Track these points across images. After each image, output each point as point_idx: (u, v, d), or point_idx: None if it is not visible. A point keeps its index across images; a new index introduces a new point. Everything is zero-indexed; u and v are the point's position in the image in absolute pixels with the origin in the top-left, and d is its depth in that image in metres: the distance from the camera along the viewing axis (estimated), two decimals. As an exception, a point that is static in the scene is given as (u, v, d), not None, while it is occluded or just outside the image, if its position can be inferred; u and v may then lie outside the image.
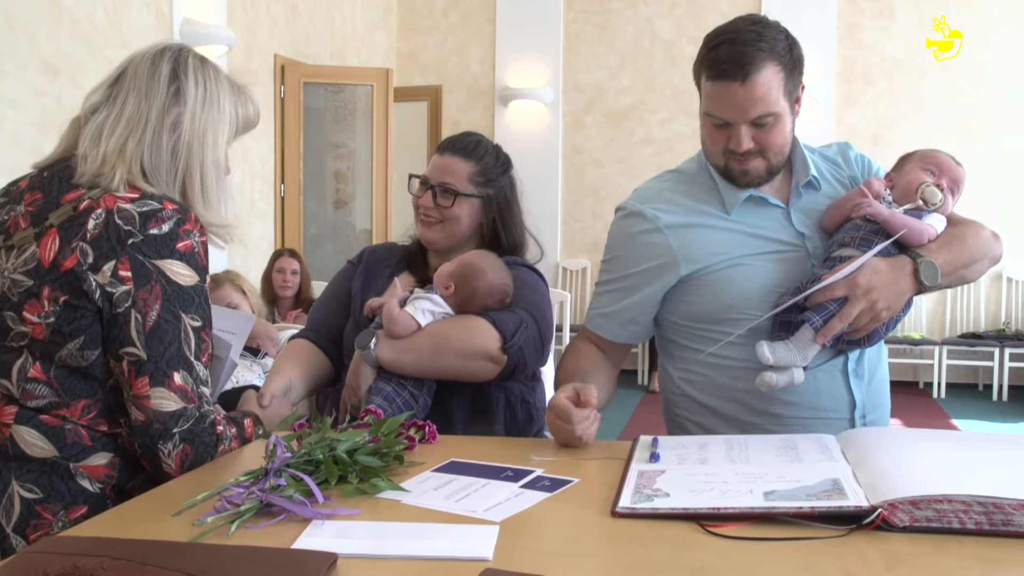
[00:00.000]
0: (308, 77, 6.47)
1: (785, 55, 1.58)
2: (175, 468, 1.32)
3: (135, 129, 1.36)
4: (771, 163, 1.64)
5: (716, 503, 1.13)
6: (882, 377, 1.75)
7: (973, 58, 7.33)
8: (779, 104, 1.58)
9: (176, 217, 1.32)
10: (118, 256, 1.28)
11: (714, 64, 1.58)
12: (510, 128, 8.15)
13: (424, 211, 1.87)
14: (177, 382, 1.30)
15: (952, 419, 6.32)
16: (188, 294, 1.32)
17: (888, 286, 1.50)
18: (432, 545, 1.04)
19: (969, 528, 1.04)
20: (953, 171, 1.64)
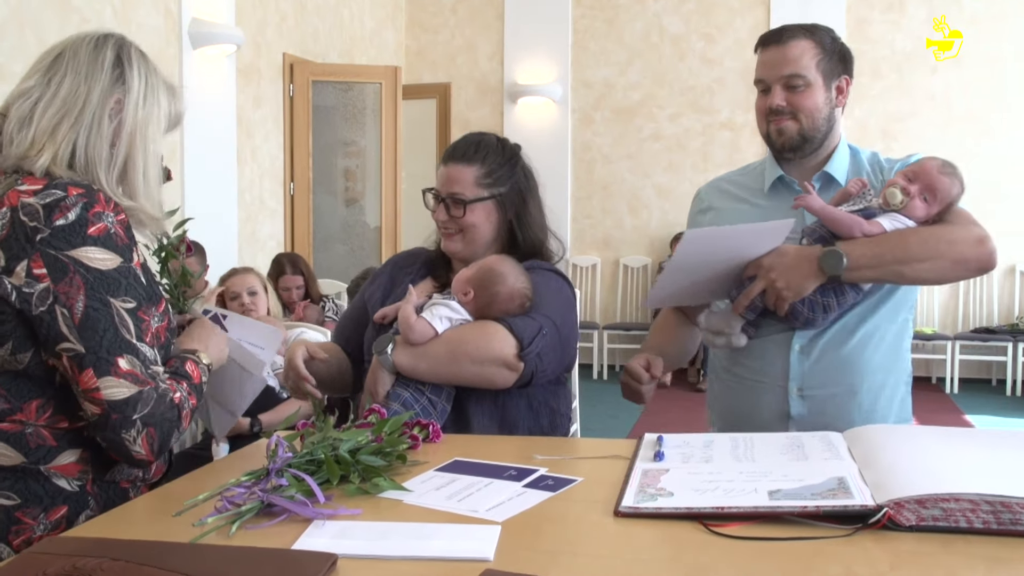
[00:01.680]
0: (317, 75, 6.48)
1: (824, 39, 1.83)
2: (146, 453, 1.29)
3: (71, 110, 1.32)
4: (803, 126, 1.81)
5: (720, 502, 1.12)
6: (845, 361, 1.77)
7: (984, 51, 7.27)
8: (810, 72, 1.80)
9: (82, 202, 1.27)
10: (28, 255, 1.24)
11: (762, 38, 1.88)
12: (519, 125, 8.13)
13: (442, 224, 1.84)
14: (124, 367, 1.26)
15: (965, 415, 6.27)
16: (112, 277, 1.28)
17: (789, 268, 1.67)
18: (433, 545, 1.03)
19: (976, 527, 1.03)
20: (928, 178, 1.69)
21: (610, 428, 5.58)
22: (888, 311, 1.80)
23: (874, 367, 1.79)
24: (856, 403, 1.78)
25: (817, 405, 1.78)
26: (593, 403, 5.85)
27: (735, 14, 7.65)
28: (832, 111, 1.84)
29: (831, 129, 1.85)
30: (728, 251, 1.72)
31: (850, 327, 1.78)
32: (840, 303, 1.70)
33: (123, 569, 0.95)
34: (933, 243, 1.66)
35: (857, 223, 1.67)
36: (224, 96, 5.52)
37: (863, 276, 1.67)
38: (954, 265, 1.66)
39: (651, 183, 7.91)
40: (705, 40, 7.69)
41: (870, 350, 1.78)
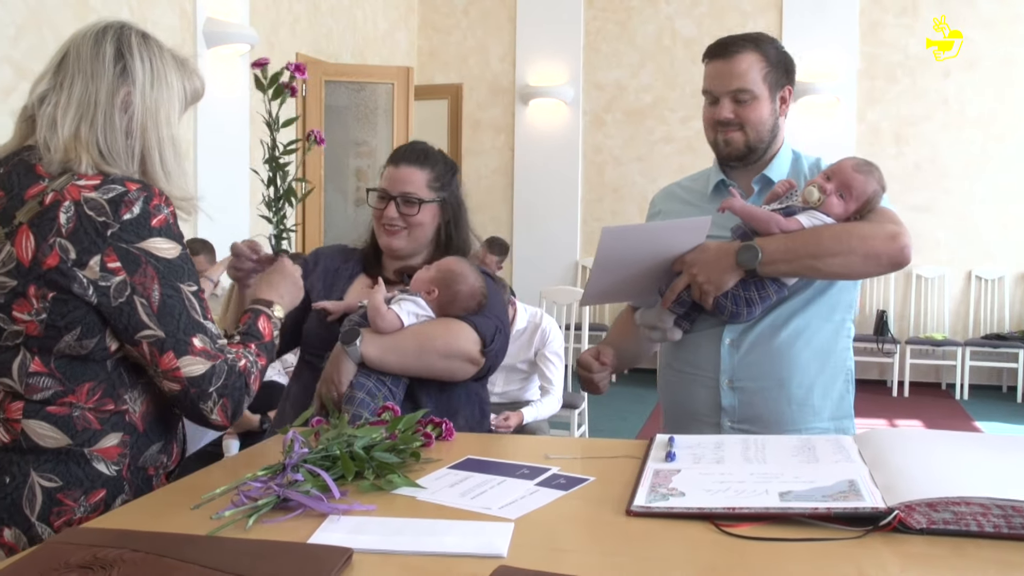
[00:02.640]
0: (329, 75, 6.50)
1: (769, 51, 1.89)
2: (222, 420, 1.39)
3: (86, 113, 1.35)
4: (749, 137, 1.88)
5: (731, 503, 1.12)
6: (774, 355, 1.82)
7: (998, 55, 7.25)
8: (757, 86, 1.87)
9: (143, 196, 1.32)
10: (102, 250, 1.29)
11: (709, 49, 1.94)
12: (530, 126, 8.15)
13: (388, 221, 1.93)
14: (198, 346, 1.35)
15: (975, 421, 6.25)
16: (177, 265, 1.35)
17: (709, 263, 1.75)
18: (447, 541, 1.04)
19: (987, 531, 1.04)
20: (843, 176, 1.75)
21: (619, 429, 5.59)
22: (820, 310, 1.84)
23: (804, 362, 1.83)
24: (785, 396, 1.82)
25: (747, 397, 1.84)
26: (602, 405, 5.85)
27: (747, 17, 7.65)
28: (776, 120, 1.91)
29: (774, 138, 1.92)
30: (650, 248, 1.79)
31: (779, 323, 1.83)
32: (762, 297, 1.76)
33: (143, 560, 0.96)
34: (845, 238, 1.71)
35: (774, 220, 1.74)
36: (237, 95, 5.54)
37: (778, 270, 1.73)
38: (865, 260, 1.71)
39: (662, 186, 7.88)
40: (717, 43, 7.68)
41: (799, 346, 1.83)
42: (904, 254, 1.71)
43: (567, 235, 8.04)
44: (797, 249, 1.72)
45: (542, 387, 3.94)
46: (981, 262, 7.36)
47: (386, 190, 1.94)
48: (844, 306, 1.89)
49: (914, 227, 6.54)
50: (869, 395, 7.26)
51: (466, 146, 8.28)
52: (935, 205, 7.39)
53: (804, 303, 1.84)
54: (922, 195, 7.40)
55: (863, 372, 7.63)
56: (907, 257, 1.71)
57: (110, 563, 0.95)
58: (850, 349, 1.93)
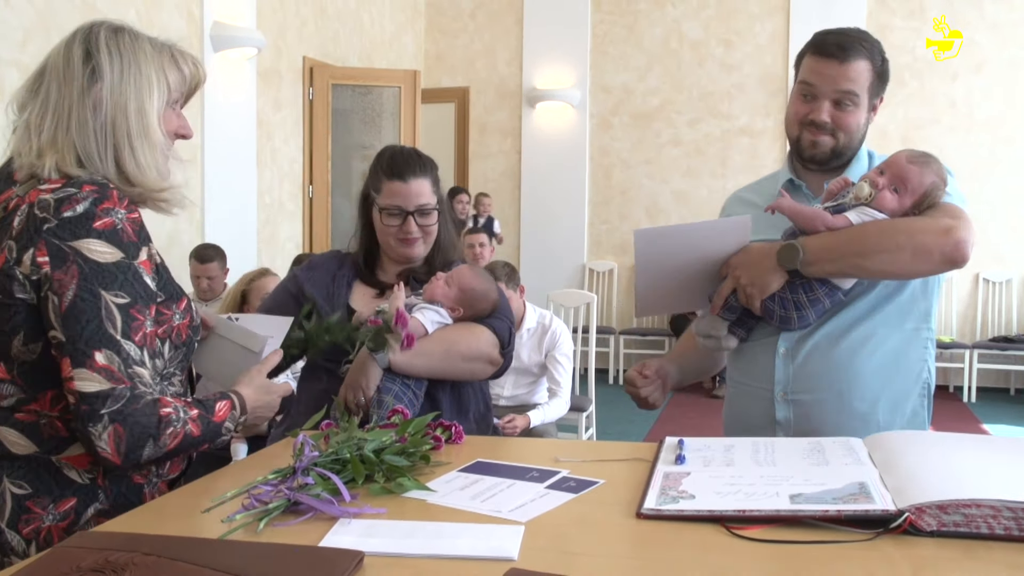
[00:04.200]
0: (336, 79, 6.51)
1: (878, 61, 1.79)
2: (111, 451, 1.25)
3: (61, 118, 1.34)
4: (839, 143, 1.79)
5: (742, 505, 1.12)
6: (833, 366, 1.73)
7: (1006, 58, 7.23)
8: (863, 92, 1.77)
9: (92, 197, 1.29)
10: (35, 244, 1.26)
11: (822, 45, 1.80)
12: (537, 129, 8.15)
13: (408, 234, 1.96)
14: (100, 362, 1.25)
15: (983, 423, 6.23)
16: (109, 271, 1.28)
17: (751, 265, 1.68)
18: (458, 544, 1.04)
19: (998, 533, 1.04)
20: (896, 169, 1.65)
21: (626, 432, 5.58)
22: (888, 316, 1.74)
23: (868, 374, 1.72)
24: (847, 410, 1.72)
25: (803, 410, 1.74)
26: (609, 408, 5.85)
27: (755, 20, 7.64)
28: (866, 127, 1.83)
29: (861, 143, 1.85)
30: (691, 250, 1.74)
31: (840, 331, 1.73)
32: (812, 300, 1.67)
33: (155, 563, 0.96)
34: (892, 234, 1.60)
35: (820, 217, 1.65)
36: (244, 99, 5.56)
37: (823, 270, 1.64)
38: (915, 256, 1.58)
39: (669, 189, 7.91)
40: (724, 46, 7.69)
41: (863, 355, 1.72)
42: (959, 250, 1.56)
43: (574, 238, 8.05)
44: (841, 247, 1.61)
45: (550, 389, 3.94)
46: (989, 264, 7.34)
47: (402, 207, 1.95)
48: (919, 314, 1.77)
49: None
50: (877, 398, 7.23)
51: (473, 149, 8.29)
52: (943, 207, 7.37)
53: (869, 309, 1.73)
54: (930, 197, 7.37)
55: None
56: (963, 254, 1.56)
57: (121, 567, 0.96)
58: (928, 360, 1.80)
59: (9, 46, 3.95)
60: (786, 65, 7.59)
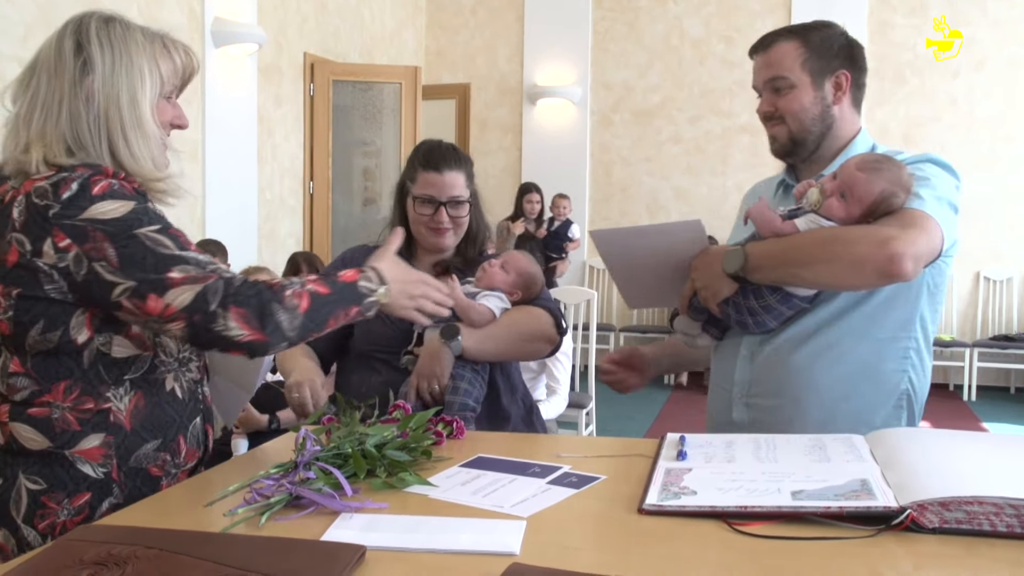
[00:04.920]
0: (337, 75, 6.51)
1: (813, 38, 1.77)
2: (248, 332, 1.28)
3: (51, 110, 1.34)
4: (791, 129, 1.78)
5: (743, 501, 1.12)
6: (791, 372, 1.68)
7: (1007, 55, 7.22)
8: (793, 73, 1.76)
9: (86, 174, 1.30)
10: (48, 232, 1.27)
11: (750, 48, 1.86)
12: (538, 126, 8.15)
13: (439, 223, 2.03)
14: (178, 276, 1.27)
15: (983, 422, 6.23)
16: (130, 218, 1.29)
17: (705, 268, 1.68)
18: (459, 539, 1.04)
19: (1000, 530, 1.04)
20: (843, 175, 1.59)
21: (626, 429, 5.59)
22: (854, 325, 1.66)
23: (828, 382, 1.66)
24: (803, 418, 1.66)
25: (759, 414, 1.71)
26: (609, 404, 5.84)
27: (756, 17, 7.63)
28: (827, 109, 1.76)
29: (829, 128, 1.77)
30: (651, 250, 1.74)
31: (802, 337, 1.68)
32: (764, 307, 1.64)
33: (157, 557, 0.97)
34: (830, 243, 1.53)
35: (769, 222, 1.62)
36: (245, 95, 5.56)
37: (766, 277, 1.61)
38: (850, 268, 1.51)
39: (670, 186, 7.90)
40: (725, 43, 7.68)
41: (824, 364, 1.66)
42: (895, 263, 1.45)
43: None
44: (781, 255, 1.58)
45: (548, 387, 3.94)
46: (989, 263, 7.34)
47: (435, 197, 2.02)
48: (896, 323, 1.68)
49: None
50: (877, 396, 7.24)
51: (474, 146, 8.28)
52: (943, 205, 7.37)
53: (834, 316, 1.67)
54: (930, 195, 7.38)
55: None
56: (899, 267, 1.45)
57: (124, 560, 0.96)
58: (911, 371, 1.70)
59: (10, 41, 3.94)
60: (787, 63, 7.58)
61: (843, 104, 1.78)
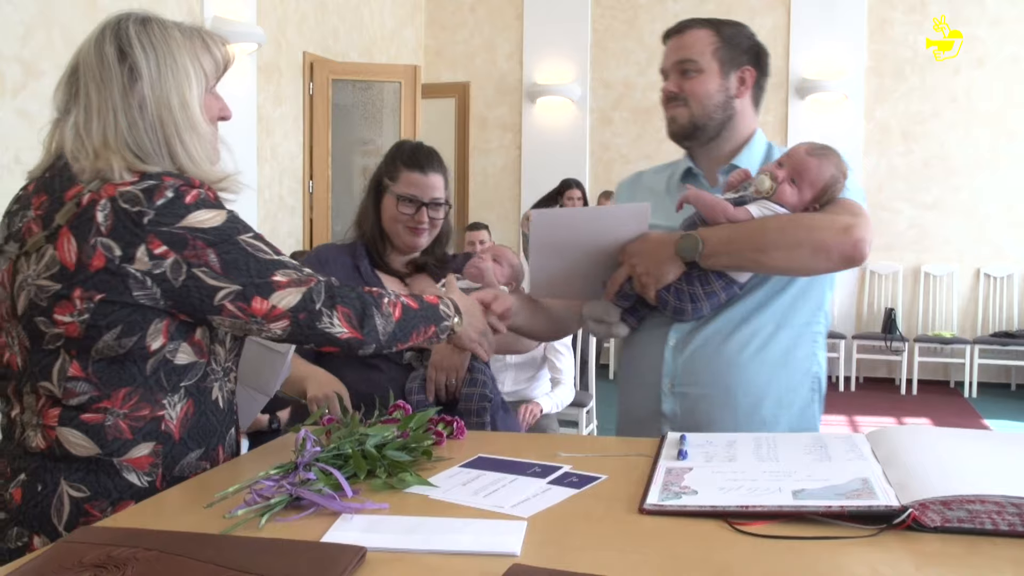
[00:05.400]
0: (336, 74, 6.50)
1: (726, 31, 1.83)
2: (349, 331, 1.36)
3: (107, 120, 1.33)
4: (693, 112, 1.81)
5: (745, 501, 1.12)
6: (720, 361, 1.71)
7: (1007, 53, 7.22)
8: (703, 59, 1.80)
9: (176, 184, 1.30)
10: (143, 239, 1.26)
11: (664, 33, 1.91)
12: (538, 125, 8.14)
13: (417, 223, 2.06)
14: (282, 279, 1.33)
15: (984, 419, 6.23)
16: (227, 228, 1.31)
17: (648, 253, 1.67)
18: (460, 540, 1.04)
19: (1002, 529, 1.03)
20: (794, 161, 1.64)
21: (626, 428, 5.57)
22: (779, 312, 1.73)
23: (755, 369, 1.71)
24: (732, 404, 1.71)
25: (689, 404, 1.73)
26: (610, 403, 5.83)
27: (755, 14, 7.63)
28: (729, 100, 1.81)
29: (729, 118, 1.82)
30: (589, 235, 1.73)
31: (730, 326, 1.72)
32: (707, 293, 1.66)
33: (157, 559, 0.96)
34: (792, 230, 1.59)
35: (722, 207, 1.63)
36: (245, 94, 5.55)
37: (720, 263, 1.63)
38: (814, 254, 1.57)
39: (669, 184, 7.89)
40: (725, 41, 7.67)
41: (751, 351, 1.71)
42: (858, 249, 1.55)
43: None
44: (740, 241, 1.60)
45: (553, 379, 3.96)
46: (990, 260, 7.34)
47: (417, 197, 2.05)
48: (810, 308, 1.76)
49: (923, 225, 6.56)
50: (877, 393, 7.25)
51: (473, 144, 8.28)
52: (944, 203, 7.37)
53: (758, 305, 1.72)
54: (931, 193, 7.38)
55: (871, 370, 7.64)
56: (861, 253, 1.56)
57: (124, 562, 0.96)
58: (818, 355, 1.79)
59: (10, 41, 3.94)
60: (786, 59, 7.58)
61: (744, 100, 1.83)
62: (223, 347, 1.41)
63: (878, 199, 7.47)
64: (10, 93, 3.93)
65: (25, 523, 1.29)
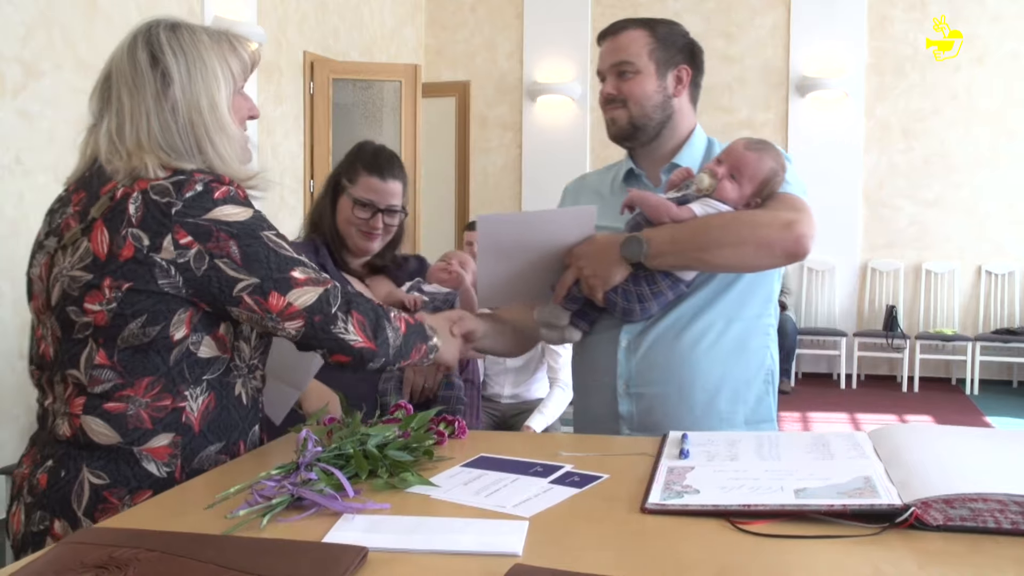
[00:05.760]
0: (337, 73, 6.50)
1: (659, 30, 1.84)
2: (363, 339, 1.39)
3: (140, 124, 1.37)
4: (632, 113, 1.80)
5: (747, 500, 1.12)
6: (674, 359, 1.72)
7: (1008, 50, 7.21)
8: (640, 60, 1.80)
9: (207, 179, 1.34)
10: (170, 229, 1.30)
11: (599, 35, 1.90)
12: (538, 123, 8.14)
13: (372, 227, 2.06)
14: (301, 277, 1.35)
15: (985, 416, 6.23)
16: (252, 223, 1.35)
17: (595, 255, 1.66)
18: (462, 540, 1.04)
19: (1005, 528, 1.03)
20: (732, 156, 1.64)
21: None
22: (728, 306, 1.74)
23: (709, 364, 1.72)
24: (688, 401, 1.71)
25: (645, 403, 1.73)
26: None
27: (756, 12, 7.62)
28: (668, 100, 1.82)
29: (668, 118, 1.83)
30: (536, 239, 1.72)
31: (681, 324, 1.72)
32: (655, 293, 1.67)
33: (158, 559, 0.96)
34: (735, 227, 1.60)
35: (665, 207, 1.64)
36: (245, 94, 5.55)
37: (667, 263, 1.63)
38: (757, 250, 1.59)
39: (670, 182, 7.89)
40: (725, 39, 7.67)
41: (704, 347, 1.72)
42: (800, 244, 1.56)
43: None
44: (685, 240, 1.61)
45: (550, 379, 3.95)
46: (991, 257, 7.33)
47: (374, 202, 2.05)
48: (760, 300, 1.77)
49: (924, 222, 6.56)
50: (878, 391, 7.25)
51: (474, 143, 8.28)
52: (945, 200, 7.37)
53: (708, 300, 1.73)
54: (932, 190, 7.38)
55: (873, 368, 7.64)
56: (804, 248, 1.57)
57: (125, 563, 0.95)
58: (770, 347, 1.80)
59: (10, 42, 3.94)
60: (787, 58, 7.58)
61: (682, 98, 1.85)
62: (247, 344, 1.44)
63: (879, 196, 7.47)
64: (10, 93, 3.93)
65: (48, 507, 1.34)
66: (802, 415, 6.39)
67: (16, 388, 3.98)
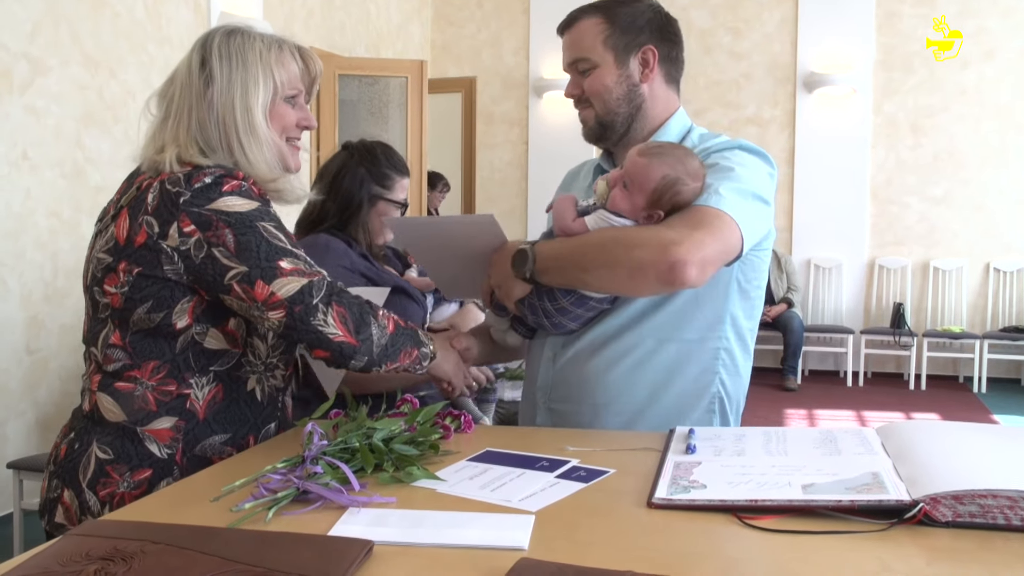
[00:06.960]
0: (343, 69, 6.50)
1: (616, 12, 1.66)
2: (343, 333, 1.40)
3: (181, 118, 1.46)
4: (597, 111, 1.68)
5: (754, 495, 1.11)
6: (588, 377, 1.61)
7: (1017, 46, 7.18)
8: (595, 52, 1.65)
9: (219, 173, 1.40)
10: (177, 217, 1.36)
11: (558, 26, 1.76)
12: (544, 119, 8.13)
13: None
14: (287, 267, 1.38)
15: (993, 414, 6.21)
16: (252, 214, 1.39)
17: (499, 265, 1.59)
18: (468, 534, 1.04)
19: (1015, 524, 1.02)
20: (627, 163, 1.50)
21: (634, 423, 5.56)
22: (658, 327, 1.58)
23: (628, 387, 1.58)
24: (602, 424, 1.60)
25: (559, 420, 1.65)
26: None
27: (763, 7, 7.60)
28: (634, 88, 1.65)
29: (637, 108, 1.66)
30: (451, 243, 1.67)
31: (602, 340, 1.59)
32: (559, 309, 1.55)
33: (163, 552, 0.96)
34: (612, 247, 1.43)
35: (560, 220, 1.52)
36: (252, 89, 5.56)
37: (553, 280, 1.52)
38: (630, 275, 1.41)
39: (676, 178, 7.87)
40: (732, 34, 7.65)
41: (624, 367, 1.58)
42: (675, 272, 1.35)
43: (581, 228, 8.02)
44: (566, 257, 1.48)
45: None
46: (999, 254, 7.30)
47: (406, 200, 2.28)
48: (705, 323, 1.59)
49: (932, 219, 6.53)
50: (886, 388, 7.23)
51: (480, 139, 8.27)
52: (953, 197, 7.34)
53: (633, 319, 1.58)
54: (940, 187, 7.35)
55: (880, 365, 7.62)
56: (680, 276, 1.36)
57: (130, 555, 0.95)
58: (722, 372, 1.62)
59: (18, 38, 3.94)
60: (794, 53, 7.55)
61: (653, 82, 1.67)
62: (264, 342, 1.49)
63: (887, 193, 7.44)
64: (18, 90, 3.93)
65: (61, 476, 1.42)
66: (808, 413, 6.38)
67: (23, 383, 3.99)
